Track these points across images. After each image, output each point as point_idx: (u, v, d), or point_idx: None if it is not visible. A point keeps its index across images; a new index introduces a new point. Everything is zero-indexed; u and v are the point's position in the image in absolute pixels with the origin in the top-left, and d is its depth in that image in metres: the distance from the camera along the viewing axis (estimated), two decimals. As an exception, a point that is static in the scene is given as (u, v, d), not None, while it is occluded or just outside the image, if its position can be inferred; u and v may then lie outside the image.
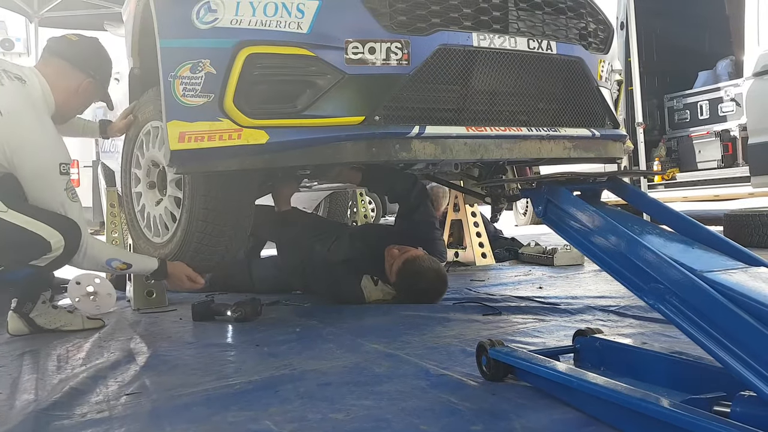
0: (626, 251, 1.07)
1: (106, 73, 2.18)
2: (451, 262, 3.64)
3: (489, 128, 1.84)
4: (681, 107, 5.56)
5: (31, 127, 1.87)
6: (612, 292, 2.45)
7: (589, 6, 2.06)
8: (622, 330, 1.84)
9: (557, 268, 3.27)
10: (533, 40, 1.87)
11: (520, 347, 1.50)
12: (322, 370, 1.54)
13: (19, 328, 2.16)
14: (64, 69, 2.05)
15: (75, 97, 2.09)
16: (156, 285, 2.65)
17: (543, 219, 1.30)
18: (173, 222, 2.09)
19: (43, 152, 1.87)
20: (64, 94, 2.04)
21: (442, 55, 1.74)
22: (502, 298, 2.45)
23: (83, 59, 2.09)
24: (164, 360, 1.74)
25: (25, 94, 1.92)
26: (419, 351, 1.67)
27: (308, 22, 1.68)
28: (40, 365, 1.74)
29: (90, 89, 2.11)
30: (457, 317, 2.11)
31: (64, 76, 2.04)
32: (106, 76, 2.18)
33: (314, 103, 1.70)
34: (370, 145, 1.72)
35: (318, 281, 2.61)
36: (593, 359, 1.37)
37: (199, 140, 1.73)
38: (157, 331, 2.16)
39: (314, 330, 2.04)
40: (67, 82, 2.05)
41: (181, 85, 1.73)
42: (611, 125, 2.19)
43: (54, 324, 2.20)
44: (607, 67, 2.16)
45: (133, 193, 2.29)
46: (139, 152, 2.23)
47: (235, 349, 1.86)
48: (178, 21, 1.75)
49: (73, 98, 2.08)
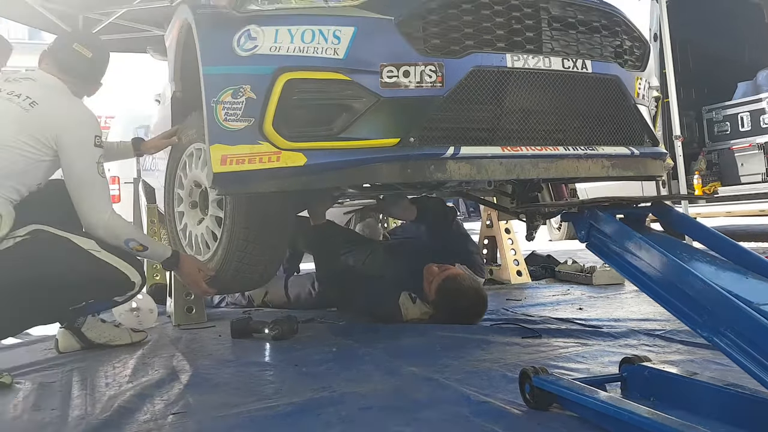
0: (676, 281, 1.05)
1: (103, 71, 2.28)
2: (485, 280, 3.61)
3: (525, 148, 1.83)
4: (721, 119, 5.42)
5: (67, 105, 2.05)
6: (656, 314, 2.38)
7: (624, 24, 2.05)
8: (670, 356, 1.79)
9: (596, 288, 3.20)
10: (568, 59, 1.87)
11: (564, 374, 1.48)
12: (361, 393, 1.55)
13: (71, 344, 2.24)
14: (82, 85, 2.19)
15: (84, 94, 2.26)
16: (195, 301, 2.71)
17: (587, 245, 1.29)
18: (214, 241, 2.14)
19: (82, 126, 2.02)
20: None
21: (475, 76, 1.75)
22: (541, 320, 2.42)
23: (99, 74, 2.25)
24: (206, 378, 1.77)
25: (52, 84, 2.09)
26: (459, 375, 1.66)
27: (344, 47, 1.72)
28: (89, 382, 1.80)
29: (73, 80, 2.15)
30: (495, 339, 2.09)
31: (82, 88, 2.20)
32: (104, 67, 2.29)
33: (350, 125, 1.73)
34: (405, 166, 1.74)
35: (355, 297, 2.62)
36: (641, 389, 1.33)
37: (240, 163, 1.77)
38: (197, 348, 2.21)
39: (351, 350, 2.05)
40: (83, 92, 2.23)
41: (223, 110, 1.78)
42: (650, 143, 2.15)
43: (103, 338, 2.28)
44: (644, 84, 2.13)
45: (175, 213, 2.35)
46: (182, 173, 2.30)
47: (274, 368, 1.89)
48: (220, 49, 1.81)
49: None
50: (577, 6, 1.92)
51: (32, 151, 1.94)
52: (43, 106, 1.97)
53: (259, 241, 2.03)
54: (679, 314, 1.10)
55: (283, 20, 1.77)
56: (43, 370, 1.98)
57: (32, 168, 1.96)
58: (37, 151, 1.95)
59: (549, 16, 1.85)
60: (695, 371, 1.38)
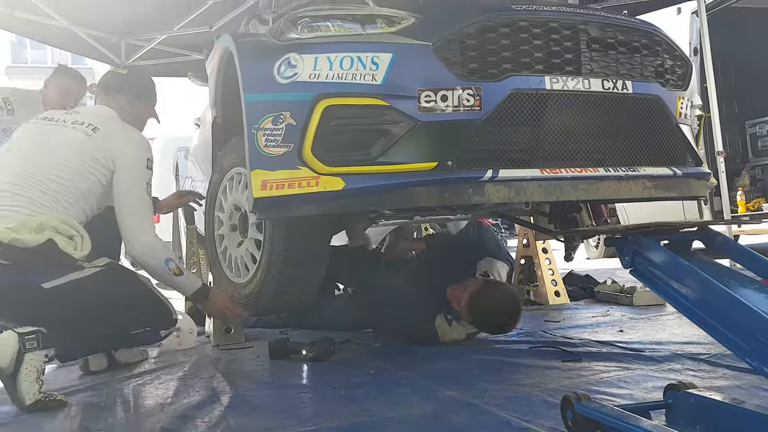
0: (723, 308, 1.03)
1: (154, 94, 2.46)
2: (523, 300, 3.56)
3: (564, 170, 1.81)
4: (764, 133, 5.27)
5: (122, 128, 2.22)
6: (700, 337, 2.31)
7: (665, 43, 2.02)
8: (716, 382, 1.74)
9: (637, 309, 3.13)
10: (608, 80, 1.85)
11: (606, 399, 1.45)
12: (400, 418, 1.54)
13: (101, 363, 2.31)
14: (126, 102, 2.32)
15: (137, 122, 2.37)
16: (234, 322, 2.75)
17: (631, 271, 1.27)
18: (253, 263, 2.17)
19: (136, 148, 2.18)
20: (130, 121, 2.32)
21: (514, 99, 1.75)
22: (580, 342, 2.37)
23: (139, 90, 2.39)
24: (246, 400, 1.79)
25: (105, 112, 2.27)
26: (499, 400, 1.64)
27: (382, 73, 1.74)
28: (133, 403, 1.83)
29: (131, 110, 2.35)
30: (535, 363, 2.06)
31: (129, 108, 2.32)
32: (155, 96, 2.46)
33: (388, 150, 1.75)
34: (444, 190, 1.74)
35: (390, 320, 2.62)
36: (687, 417, 1.29)
37: (280, 188, 1.80)
38: (237, 369, 2.24)
39: (388, 373, 2.05)
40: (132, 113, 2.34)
41: (264, 137, 1.81)
42: (693, 163, 2.11)
43: (132, 359, 2.38)
44: (686, 103, 2.09)
45: (215, 235, 2.40)
46: (222, 196, 2.35)
47: (312, 390, 1.90)
48: (261, 77, 1.85)
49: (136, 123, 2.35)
50: (617, 26, 1.91)
51: (95, 174, 2.09)
52: (103, 131, 2.15)
53: (297, 263, 2.05)
54: (726, 342, 1.07)
55: (322, 48, 1.80)
56: (85, 390, 2.03)
57: (96, 191, 2.10)
58: (99, 173, 2.09)
59: (588, 37, 1.83)
60: (742, 398, 1.34)
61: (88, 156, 2.09)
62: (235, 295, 2.26)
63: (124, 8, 4.91)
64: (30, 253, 1.87)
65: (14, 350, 1.74)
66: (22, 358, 1.75)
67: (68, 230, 1.96)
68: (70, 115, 2.22)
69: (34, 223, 1.91)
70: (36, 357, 1.78)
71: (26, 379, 1.75)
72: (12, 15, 4.74)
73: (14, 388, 1.74)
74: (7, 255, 1.86)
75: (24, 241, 1.86)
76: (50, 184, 2.02)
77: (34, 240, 1.88)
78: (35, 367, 1.77)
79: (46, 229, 1.92)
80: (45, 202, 1.99)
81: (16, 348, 1.75)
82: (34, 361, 1.77)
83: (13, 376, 1.74)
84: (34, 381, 1.77)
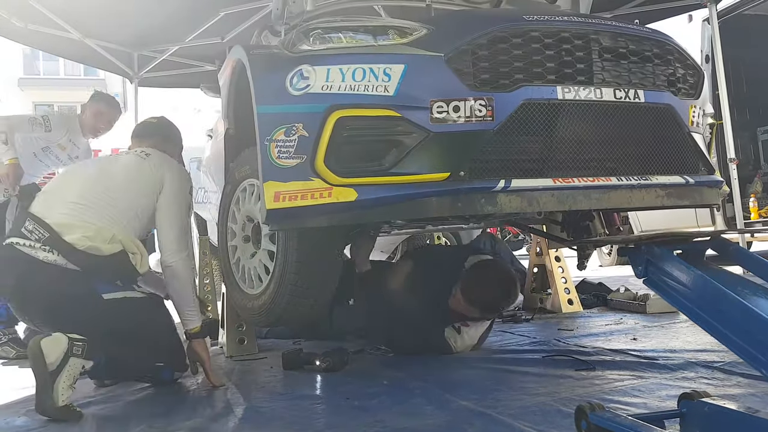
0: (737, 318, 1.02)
1: (180, 139, 2.70)
2: (536, 309, 3.55)
3: (576, 179, 1.81)
4: (777, 140, 5.25)
5: (170, 162, 2.43)
6: (714, 345, 2.30)
7: (677, 52, 2.02)
8: (730, 390, 1.73)
9: (650, 316, 3.11)
10: (620, 89, 1.85)
11: (620, 408, 1.44)
12: (413, 429, 1.54)
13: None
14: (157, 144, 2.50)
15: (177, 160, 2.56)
16: (247, 332, 2.76)
17: (645, 281, 1.27)
18: (266, 274, 2.18)
19: (181, 175, 2.39)
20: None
21: (526, 109, 1.75)
22: (594, 351, 2.36)
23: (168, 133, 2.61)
24: (261, 412, 1.79)
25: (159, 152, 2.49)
26: (512, 410, 1.64)
27: (395, 84, 1.75)
28: (147, 416, 1.84)
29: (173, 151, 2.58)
30: (548, 372, 2.05)
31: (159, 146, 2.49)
32: (181, 140, 2.70)
33: (401, 161, 1.75)
34: (456, 200, 1.75)
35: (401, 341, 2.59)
36: (701, 426, 1.29)
37: (293, 199, 1.81)
38: (250, 381, 2.24)
39: (401, 383, 2.04)
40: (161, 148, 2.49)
41: (276, 148, 1.83)
42: (706, 171, 2.10)
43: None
44: (699, 111, 2.08)
45: (228, 246, 2.41)
46: (235, 208, 2.36)
47: (326, 401, 1.90)
48: (274, 88, 1.86)
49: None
50: (629, 36, 1.91)
51: (150, 194, 2.25)
52: (153, 156, 2.37)
53: (311, 274, 2.06)
54: (740, 352, 1.07)
55: (335, 59, 1.81)
56: (100, 402, 2.03)
57: (149, 211, 2.25)
58: (152, 193, 2.25)
59: (600, 47, 1.84)
60: (757, 407, 1.33)
61: (144, 176, 2.27)
62: (248, 306, 2.27)
63: (136, 20, 4.97)
64: (102, 261, 2.01)
65: (63, 350, 1.81)
66: (67, 361, 1.81)
67: (132, 247, 2.10)
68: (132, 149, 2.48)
69: (108, 235, 2.05)
70: (77, 363, 1.84)
71: (66, 381, 1.80)
72: (26, 28, 4.82)
73: (51, 387, 1.78)
74: (78, 260, 1.99)
75: (100, 249, 2.01)
76: (113, 201, 2.16)
77: (108, 249, 2.02)
78: (74, 373, 1.83)
79: (117, 242, 2.05)
80: (111, 217, 2.12)
81: (66, 348, 1.82)
82: (75, 367, 1.83)
83: (53, 375, 1.79)
84: (70, 386, 1.82)
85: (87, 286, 2.00)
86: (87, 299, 2.00)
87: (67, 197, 2.15)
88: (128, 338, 2.03)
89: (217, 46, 5.08)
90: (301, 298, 2.10)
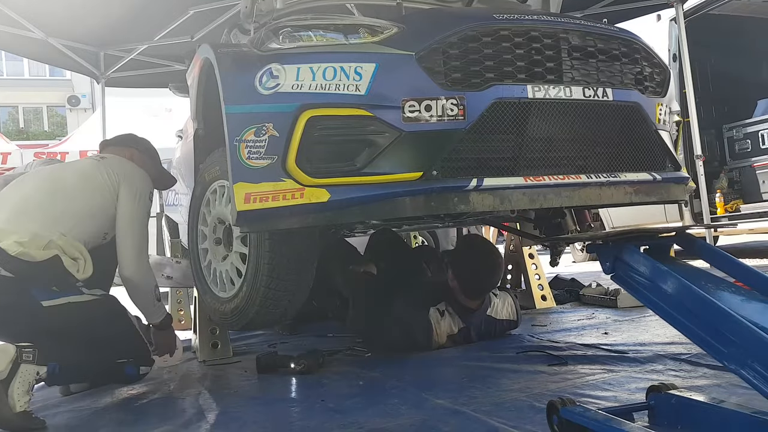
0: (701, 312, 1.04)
1: (144, 146, 2.58)
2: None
3: (547, 177, 1.83)
4: (741, 137, 5.38)
5: (128, 163, 2.39)
6: (681, 338, 2.29)
7: (644, 51, 2.04)
8: (696, 381, 1.76)
9: (621, 311, 3.16)
10: (588, 88, 1.87)
11: (591, 402, 1.46)
12: (389, 429, 1.54)
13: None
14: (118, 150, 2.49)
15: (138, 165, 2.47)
16: (220, 336, 2.72)
17: (612, 277, 1.28)
18: (239, 277, 2.15)
19: (141, 180, 2.35)
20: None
21: (497, 108, 1.76)
22: (566, 346, 2.39)
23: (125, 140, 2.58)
24: (233, 417, 1.77)
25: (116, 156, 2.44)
26: (486, 407, 1.64)
27: (366, 83, 1.74)
28: (115, 424, 1.80)
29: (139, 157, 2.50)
30: (522, 368, 2.07)
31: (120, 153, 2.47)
32: (146, 148, 2.58)
33: (373, 160, 1.74)
34: (429, 199, 1.74)
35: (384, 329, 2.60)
36: (669, 417, 1.32)
37: (264, 200, 1.79)
38: (224, 385, 2.21)
39: (377, 383, 2.04)
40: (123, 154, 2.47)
41: (246, 149, 1.80)
42: (672, 168, 2.14)
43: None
44: (665, 109, 2.12)
45: (199, 249, 2.37)
46: (205, 210, 2.32)
47: (301, 404, 1.88)
48: (242, 88, 1.83)
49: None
50: (597, 35, 1.93)
51: (103, 195, 2.20)
52: (109, 159, 2.36)
53: (283, 277, 2.03)
54: (705, 345, 1.09)
55: (305, 58, 1.79)
56: (67, 411, 1.99)
57: (103, 214, 2.20)
58: (107, 194, 2.21)
59: (569, 46, 1.85)
60: (722, 397, 1.37)
61: (97, 179, 2.22)
62: (220, 309, 2.24)
63: (102, 19, 4.87)
64: (35, 267, 1.95)
65: (11, 358, 1.78)
66: (18, 368, 1.78)
67: (73, 252, 2.05)
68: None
69: (43, 241, 2.00)
70: (29, 370, 1.81)
71: (20, 388, 1.78)
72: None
73: (5, 395, 1.76)
74: (12, 267, 1.93)
75: (31, 255, 1.95)
76: (58, 206, 2.12)
77: (41, 255, 1.96)
78: (27, 380, 1.80)
79: (53, 248, 2.00)
80: (54, 222, 2.07)
81: (13, 356, 1.79)
82: (27, 374, 1.80)
83: (5, 383, 1.76)
84: (25, 393, 1.79)
85: (23, 294, 1.95)
86: (24, 307, 1.95)
87: (10, 203, 2.13)
88: (79, 342, 1.99)
89: (186, 45, 5.00)
90: (273, 300, 2.07)
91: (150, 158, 2.57)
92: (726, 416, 1.20)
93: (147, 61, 5.66)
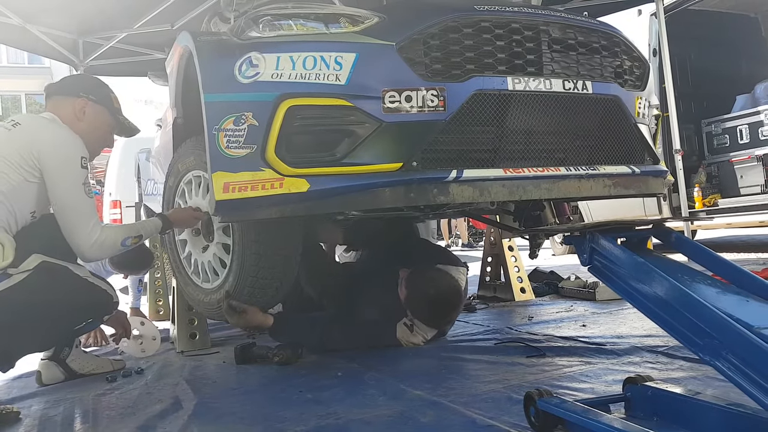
0: (677, 304, 1.05)
1: (101, 93, 2.19)
2: (489, 297, 3.60)
3: (527, 169, 1.83)
4: (720, 132, 5.45)
5: (50, 128, 2.00)
6: (658, 330, 2.32)
7: (623, 44, 2.06)
8: (673, 373, 1.79)
9: (599, 303, 3.19)
10: (568, 80, 1.88)
11: (568, 394, 1.47)
12: (366, 420, 1.54)
13: (55, 376, 2.24)
14: (59, 102, 2.11)
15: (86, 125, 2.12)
16: (199, 327, 2.70)
17: (589, 269, 1.29)
18: (223, 268, 2.13)
19: (65, 146, 1.97)
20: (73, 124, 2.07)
21: (477, 100, 1.76)
22: (545, 338, 2.41)
23: (71, 86, 2.16)
24: (211, 408, 1.76)
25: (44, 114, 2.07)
26: (464, 398, 1.65)
27: (346, 73, 1.72)
28: (92, 414, 1.78)
29: (91, 110, 2.14)
30: (500, 360, 2.08)
31: (62, 107, 2.10)
32: (104, 96, 2.19)
33: (353, 151, 1.73)
34: (408, 190, 1.74)
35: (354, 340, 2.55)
36: (645, 409, 1.33)
37: (243, 190, 1.77)
38: (201, 376, 2.19)
39: (356, 374, 2.04)
40: (66, 111, 2.10)
41: (225, 138, 1.78)
42: (651, 161, 2.16)
43: (86, 368, 2.32)
44: (645, 103, 2.14)
45: (177, 241, 2.34)
46: (180, 201, 2.29)
47: (279, 395, 1.87)
48: (222, 76, 1.81)
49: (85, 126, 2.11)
50: (577, 28, 1.94)
51: (18, 172, 1.90)
52: (24, 125, 1.98)
53: (270, 265, 2.03)
54: (680, 337, 1.11)
55: (285, 47, 1.77)
56: (42, 402, 1.96)
57: (21, 190, 1.91)
58: (22, 170, 1.91)
59: (549, 38, 1.86)
60: (698, 389, 1.39)
61: (9, 149, 1.91)
62: (205, 300, 2.22)
63: (81, 5, 4.77)
64: None
65: None
66: None
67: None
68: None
69: None
70: None
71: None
72: (-39, 12, 4.57)
73: None
74: None
75: None
76: None
77: None
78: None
79: None
80: None
81: None
82: None
83: None
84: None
85: None
86: None
87: None
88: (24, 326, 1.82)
89: (166, 33, 4.94)
90: (261, 288, 2.07)
91: (107, 107, 2.19)
92: (702, 408, 1.22)
93: (127, 49, 5.58)
